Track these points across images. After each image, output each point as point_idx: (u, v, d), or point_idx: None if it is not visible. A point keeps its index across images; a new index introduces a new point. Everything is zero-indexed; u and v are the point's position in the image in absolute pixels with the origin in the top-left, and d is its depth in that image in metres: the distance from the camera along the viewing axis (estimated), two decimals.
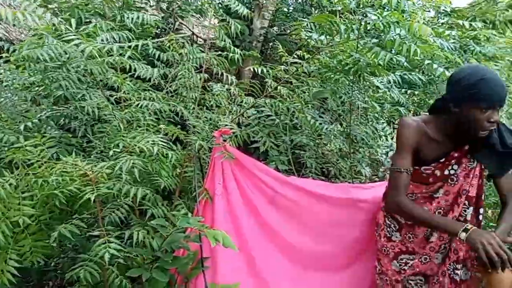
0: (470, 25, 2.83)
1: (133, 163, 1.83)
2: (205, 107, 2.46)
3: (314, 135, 2.93)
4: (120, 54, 2.08)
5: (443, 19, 4.24)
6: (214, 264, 2.22)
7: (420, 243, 2.00)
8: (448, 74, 2.54)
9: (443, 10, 4.33)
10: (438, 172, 1.88)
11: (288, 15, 5.57)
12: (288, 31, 5.05)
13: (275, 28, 5.28)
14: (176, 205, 2.20)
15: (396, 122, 1.96)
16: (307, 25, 2.50)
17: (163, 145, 1.89)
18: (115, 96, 2.17)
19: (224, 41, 2.56)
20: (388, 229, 2.09)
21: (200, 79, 2.37)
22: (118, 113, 2.07)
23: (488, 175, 1.91)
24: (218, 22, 4.46)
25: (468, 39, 3.69)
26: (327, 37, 2.34)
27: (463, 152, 1.86)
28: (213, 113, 2.37)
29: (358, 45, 2.19)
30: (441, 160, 1.87)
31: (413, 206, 1.83)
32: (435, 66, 2.52)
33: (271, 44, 4.47)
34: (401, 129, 1.83)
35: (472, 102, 1.66)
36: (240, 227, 2.32)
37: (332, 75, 2.40)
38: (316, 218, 2.41)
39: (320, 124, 2.83)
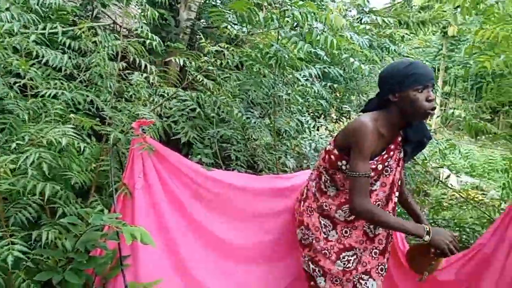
0: (383, 21, 2.98)
1: (40, 156, 1.67)
2: (123, 98, 2.32)
3: (241, 128, 2.90)
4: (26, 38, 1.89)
5: (364, 18, 4.45)
6: (136, 262, 2.12)
7: (357, 237, 2.00)
8: (364, 67, 2.66)
9: (361, 10, 4.55)
10: (380, 166, 1.90)
11: (215, 7, 5.51)
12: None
13: (202, 20, 5.19)
14: (92, 202, 2.05)
15: (346, 121, 1.94)
16: (229, 15, 2.46)
17: (74, 137, 1.75)
18: (19, 84, 1.97)
19: (144, 30, 2.43)
20: (324, 229, 2.02)
21: (116, 68, 2.22)
22: (23, 103, 1.88)
23: None
24: (141, 12, 4.28)
25: (384, 38, 3.91)
26: (248, 27, 2.32)
27: (396, 143, 1.93)
28: (132, 104, 2.24)
29: (279, 36, 2.20)
30: (382, 153, 1.90)
31: (381, 212, 1.86)
32: (351, 60, 2.61)
33: (198, 36, 4.38)
34: (364, 134, 1.78)
35: (408, 86, 1.77)
36: (164, 223, 2.23)
37: (255, 67, 2.39)
38: (241, 210, 2.39)
39: (248, 118, 2.82)
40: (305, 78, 2.77)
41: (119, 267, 2.06)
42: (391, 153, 1.94)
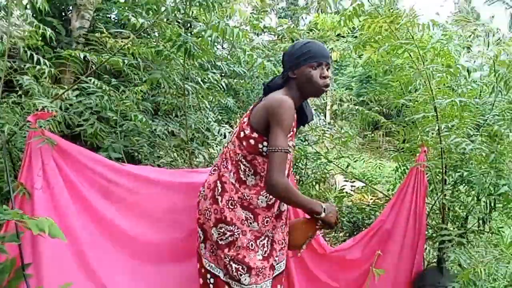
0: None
1: None
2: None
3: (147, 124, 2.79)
4: None
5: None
6: (38, 269, 1.91)
7: (273, 223, 2.00)
8: (267, 64, 2.78)
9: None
10: (290, 143, 1.93)
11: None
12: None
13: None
14: None
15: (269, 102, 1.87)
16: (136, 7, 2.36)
17: None
18: None
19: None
20: (246, 222, 1.94)
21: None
22: None
23: None
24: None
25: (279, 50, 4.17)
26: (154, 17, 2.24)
27: (296, 121, 1.99)
28: (27, 97, 2.02)
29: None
30: (292, 131, 1.94)
31: (293, 189, 1.87)
32: (255, 56, 2.72)
33: (98, 34, 4.15)
34: (285, 109, 1.80)
35: (304, 63, 1.90)
36: (69, 225, 2.03)
37: (162, 55, 2.32)
38: (154, 205, 2.28)
39: (152, 121, 2.75)
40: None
41: (20, 278, 1.84)
42: (295, 130, 2.01)
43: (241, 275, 1.87)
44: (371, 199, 3.17)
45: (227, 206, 1.92)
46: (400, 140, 2.77)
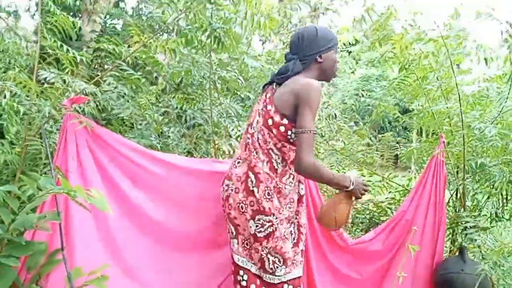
0: None
1: None
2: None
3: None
4: None
5: None
6: (69, 252, 1.91)
7: (295, 208, 2.04)
8: None
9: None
10: None
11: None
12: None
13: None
14: (20, 187, 1.82)
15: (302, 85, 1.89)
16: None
17: None
18: None
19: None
20: (282, 210, 1.96)
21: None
22: None
23: None
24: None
25: None
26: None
27: None
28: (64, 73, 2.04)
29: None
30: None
31: (322, 167, 1.90)
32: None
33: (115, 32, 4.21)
34: (316, 93, 1.84)
35: (329, 49, 1.98)
36: (98, 210, 2.05)
37: (191, 45, 2.36)
38: (182, 193, 2.31)
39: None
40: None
41: (52, 263, 1.85)
42: None
43: (277, 267, 1.88)
44: (389, 193, 3.19)
45: (264, 197, 1.90)
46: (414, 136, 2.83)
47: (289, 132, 1.91)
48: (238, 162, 2.02)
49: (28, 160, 1.90)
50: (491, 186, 2.55)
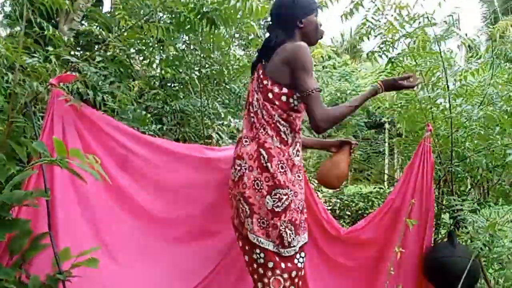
0: None
1: None
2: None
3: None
4: None
5: None
6: (54, 234, 1.83)
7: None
8: None
9: None
10: None
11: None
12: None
13: None
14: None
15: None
16: None
17: None
18: None
19: None
20: (295, 182, 1.96)
21: None
22: None
23: None
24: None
25: None
26: None
27: None
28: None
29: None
30: None
31: (335, 109, 1.90)
32: None
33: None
34: (306, 53, 1.86)
35: (309, 12, 1.98)
36: (85, 190, 1.98)
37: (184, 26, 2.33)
38: (171, 179, 2.25)
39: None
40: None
41: (36, 248, 1.76)
42: None
43: (292, 239, 1.86)
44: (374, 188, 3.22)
45: (279, 171, 1.87)
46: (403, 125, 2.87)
47: (291, 100, 1.90)
48: (246, 141, 1.97)
49: (15, 139, 1.80)
50: (476, 173, 2.60)
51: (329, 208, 3.16)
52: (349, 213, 3.17)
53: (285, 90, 1.88)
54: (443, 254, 2.39)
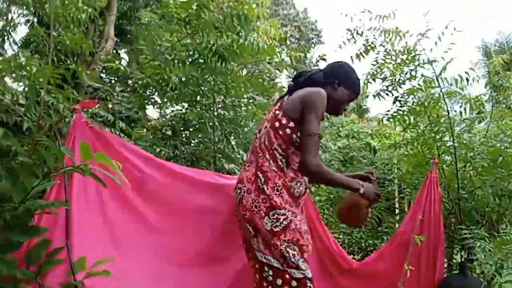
0: None
1: None
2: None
3: None
4: None
5: None
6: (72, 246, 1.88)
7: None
8: None
9: None
10: None
11: None
12: None
13: None
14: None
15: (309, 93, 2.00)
16: None
17: None
18: None
19: None
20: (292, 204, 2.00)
21: None
22: None
23: None
24: None
25: None
26: None
27: None
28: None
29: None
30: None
31: (327, 169, 1.95)
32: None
33: None
34: (322, 99, 1.96)
35: (350, 87, 2.11)
36: (101, 211, 2.06)
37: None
38: (184, 202, 2.32)
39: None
40: None
41: (52, 263, 1.81)
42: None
43: (298, 260, 1.87)
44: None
45: (274, 192, 1.93)
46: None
47: (294, 135, 1.97)
48: (248, 166, 2.06)
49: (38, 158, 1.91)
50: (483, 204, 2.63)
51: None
52: (357, 249, 3.15)
53: (292, 124, 1.97)
54: (455, 285, 2.36)
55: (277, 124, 2.01)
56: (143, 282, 2.13)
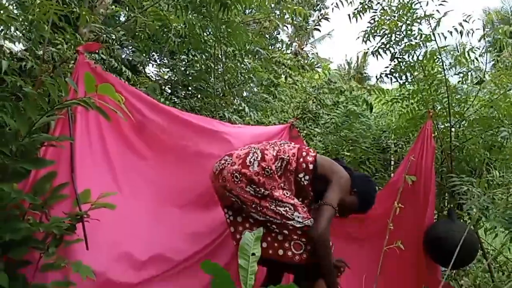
0: None
1: None
2: None
3: None
4: None
5: None
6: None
7: None
8: None
9: None
10: None
11: None
12: None
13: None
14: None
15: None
16: None
17: None
18: None
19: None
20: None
21: None
22: None
23: None
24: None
25: None
26: None
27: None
28: None
29: None
30: None
31: (329, 250, 2.00)
32: None
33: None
34: (347, 182, 2.11)
35: (360, 202, 2.21)
36: (102, 152, 2.13)
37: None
38: (183, 146, 2.39)
39: None
40: None
41: (59, 197, 1.87)
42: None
43: (292, 214, 1.96)
44: None
45: (262, 172, 2.00)
46: None
47: (301, 174, 2.09)
48: (244, 148, 2.14)
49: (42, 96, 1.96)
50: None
51: None
52: None
53: (311, 166, 2.08)
54: (442, 229, 2.47)
55: (303, 153, 2.14)
56: (143, 222, 2.22)
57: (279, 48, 5.82)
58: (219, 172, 2.06)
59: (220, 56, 2.86)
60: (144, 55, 2.36)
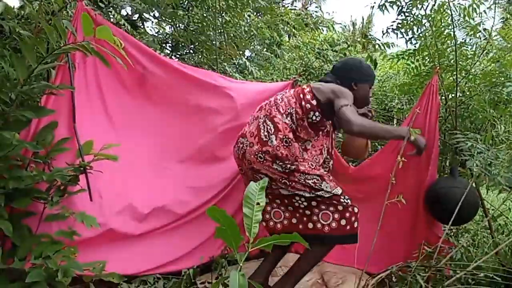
0: None
1: None
2: None
3: None
4: None
5: None
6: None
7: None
8: None
9: None
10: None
11: None
12: None
13: None
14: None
15: None
16: None
17: None
18: None
19: None
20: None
21: None
22: None
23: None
24: None
25: None
26: None
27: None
28: None
29: None
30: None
31: (371, 122, 2.06)
32: None
33: None
34: (349, 93, 2.08)
35: (367, 83, 2.23)
36: (101, 100, 2.11)
37: None
38: (184, 100, 2.36)
39: None
40: None
41: (61, 150, 1.85)
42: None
43: (320, 184, 2.00)
44: None
45: (282, 144, 2.01)
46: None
47: (311, 113, 2.08)
48: (252, 122, 2.13)
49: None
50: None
51: None
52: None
53: (314, 102, 2.08)
54: (443, 185, 2.46)
55: (301, 95, 2.12)
56: (145, 174, 2.23)
57: (284, 6, 5.69)
58: (242, 156, 2.09)
59: (218, 7, 2.75)
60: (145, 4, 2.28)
